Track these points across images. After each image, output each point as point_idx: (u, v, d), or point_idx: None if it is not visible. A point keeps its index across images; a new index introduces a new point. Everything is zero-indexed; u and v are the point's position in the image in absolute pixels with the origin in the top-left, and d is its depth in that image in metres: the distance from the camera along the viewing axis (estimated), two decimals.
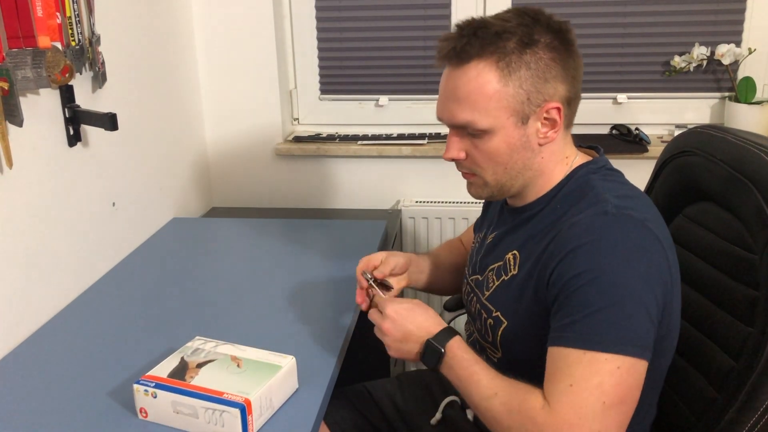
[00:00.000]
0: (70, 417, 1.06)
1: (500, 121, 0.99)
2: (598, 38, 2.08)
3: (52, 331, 1.34)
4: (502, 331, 1.06)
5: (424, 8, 2.10)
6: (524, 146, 1.01)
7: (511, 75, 0.97)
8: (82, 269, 1.50)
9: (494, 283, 1.10)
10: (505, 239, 1.11)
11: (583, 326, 0.89)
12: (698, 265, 1.17)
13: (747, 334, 1.03)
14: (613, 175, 1.06)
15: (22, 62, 1.22)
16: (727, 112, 2.03)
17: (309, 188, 2.22)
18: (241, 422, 0.95)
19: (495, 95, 0.97)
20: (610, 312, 0.89)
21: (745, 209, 1.06)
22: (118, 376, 1.16)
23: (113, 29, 1.59)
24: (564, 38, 1.01)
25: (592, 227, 0.94)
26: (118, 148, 1.64)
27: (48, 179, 1.37)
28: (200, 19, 2.07)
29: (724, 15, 2.00)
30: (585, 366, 0.88)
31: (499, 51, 0.97)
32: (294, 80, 2.22)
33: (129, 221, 1.70)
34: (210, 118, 2.18)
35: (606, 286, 0.90)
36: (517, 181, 1.05)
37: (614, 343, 0.88)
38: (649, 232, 0.94)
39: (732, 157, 1.11)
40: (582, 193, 1.02)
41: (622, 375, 0.87)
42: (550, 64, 0.98)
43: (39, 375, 1.18)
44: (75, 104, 1.42)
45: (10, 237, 1.27)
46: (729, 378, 1.04)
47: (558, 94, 0.99)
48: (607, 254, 0.91)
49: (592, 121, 2.13)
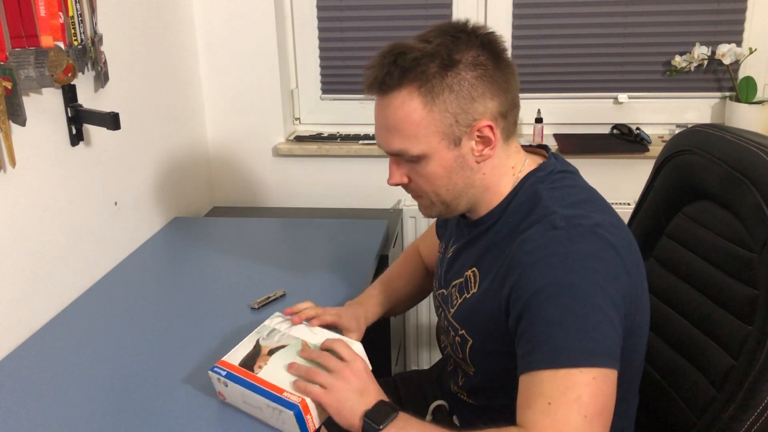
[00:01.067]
0: (74, 416, 1.07)
1: (432, 146, 0.97)
2: (599, 38, 2.08)
3: (54, 329, 1.34)
4: (470, 349, 1.05)
5: (425, 8, 2.10)
6: (461, 166, 1.00)
7: (434, 100, 0.95)
8: (85, 268, 1.50)
9: (457, 300, 1.09)
10: (463, 254, 1.11)
11: (550, 345, 0.88)
12: (698, 264, 1.17)
13: (747, 332, 1.03)
14: (563, 180, 1.04)
15: (25, 62, 1.22)
16: (727, 112, 2.03)
17: (310, 188, 2.22)
18: (298, 423, 0.95)
19: (422, 122, 0.96)
20: (574, 326, 0.87)
21: (744, 208, 1.06)
22: (120, 374, 1.16)
23: (115, 29, 1.59)
24: (491, 52, 0.97)
25: (542, 243, 0.93)
26: (120, 147, 1.64)
27: (50, 178, 1.38)
28: (202, 18, 2.08)
29: (724, 15, 2.00)
30: (560, 382, 0.86)
31: (420, 77, 0.95)
32: (295, 80, 2.23)
33: (131, 220, 1.71)
34: (211, 118, 2.18)
35: (565, 302, 0.88)
36: (462, 199, 1.04)
37: (584, 356, 0.86)
38: (601, 238, 0.92)
39: (730, 156, 1.11)
40: (531, 205, 1.00)
41: (598, 386, 0.86)
42: (474, 83, 0.96)
43: (42, 373, 1.19)
44: (77, 104, 1.42)
45: (13, 236, 1.27)
46: (729, 376, 1.04)
47: (488, 111, 0.97)
48: (560, 268, 0.90)
49: (593, 121, 2.14)
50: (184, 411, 1.06)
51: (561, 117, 2.15)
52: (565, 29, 2.08)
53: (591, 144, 2.07)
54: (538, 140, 2.08)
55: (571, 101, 2.14)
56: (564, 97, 2.15)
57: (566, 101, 2.15)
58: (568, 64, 2.11)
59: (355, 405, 0.95)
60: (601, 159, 2.04)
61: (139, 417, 1.05)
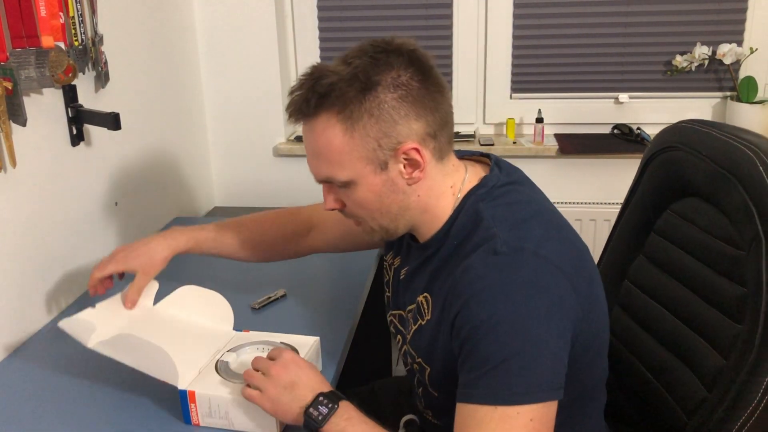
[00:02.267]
0: (71, 417, 1.08)
1: (357, 171, 0.94)
2: (600, 38, 2.08)
3: (54, 330, 1.34)
4: (428, 376, 1.03)
5: (425, 8, 2.11)
6: (392, 190, 0.96)
7: (354, 126, 0.91)
8: (85, 268, 1.50)
9: (412, 327, 1.06)
10: (415, 278, 1.07)
11: (489, 380, 0.86)
12: (686, 261, 1.16)
13: (736, 331, 1.02)
14: (506, 195, 0.99)
15: (25, 62, 1.23)
16: (728, 112, 2.03)
17: (310, 188, 2.20)
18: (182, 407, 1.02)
19: (344, 148, 0.92)
20: (514, 362, 0.85)
21: (731, 205, 1.05)
22: (121, 375, 1.17)
23: (116, 29, 1.60)
24: (415, 69, 0.92)
25: (483, 272, 0.90)
26: (120, 147, 1.65)
27: (51, 179, 1.39)
28: (202, 18, 2.09)
29: (725, 15, 2.01)
30: (497, 423, 0.84)
31: (339, 103, 0.91)
32: (296, 79, 2.23)
33: (131, 220, 1.71)
34: (212, 118, 2.19)
35: (505, 336, 0.86)
36: (399, 222, 1.00)
37: (523, 394, 0.85)
38: (543, 261, 0.90)
39: (716, 152, 1.09)
40: (473, 225, 0.96)
41: (535, 426, 0.84)
42: (395, 105, 0.91)
43: (41, 374, 1.20)
44: (78, 104, 1.43)
45: (13, 236, 1.28)
46: (719, 376, 1.04)
47: (414, 133, 0.92)
48: (500, 300, 0.87)
49: (594, 121, 2.14)
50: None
51: (562, 117, 2.15)
52: (565, 29, 2.08)
53: (592, 144, 2.07)
54: (539, 140, 2.08)
55: (572, 101, 2.14)
56: (565, 97, 2.15)
57: (567, 101, 2.15)
58: (569, 64, 2.11)
59: (289, 401, 0.94)
60: (602, 159, 2.04)
61: (139, 416, 1.06)
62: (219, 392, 1.00)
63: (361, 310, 1.42)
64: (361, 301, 1.44)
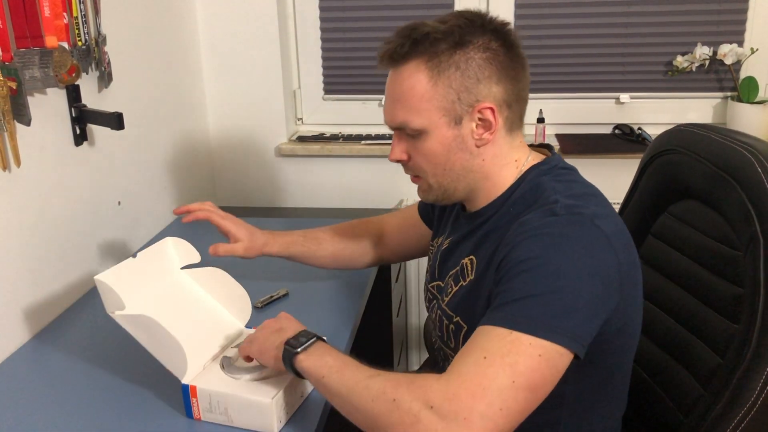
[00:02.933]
0: (74, 408, 1.09)
1: (432, 120, 0.99)
2: (601, 38, 2.09)
3: (57, 329, 1.36)
4: (463, 336, 1.05)
5: (426, 8, 2.12)
6: (460, 147, 1.01)
7: (440, 75, 0.98)
8: (88, 267, 1.52)
9: (452, 289, 1.09)
10: (460, 245, 1.11)
11: (515, 308, 0.87)
12: (683, 263, 1.18)
13: (733, 331, 1.04)
14: (566, 175, 1.05)
15: (30, 62, 1.24)
16: (729, 112, 2.04)
17: (313, 188, 2.24)
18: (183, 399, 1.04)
19: (425, 95, 0.98)
20: (547, 298, 0.87)
21: (729, 206, 1.07)
22: (123, 373, 1.18)
23: (119, 29, 1.61)
24: (504, 39, 1.00)
25: (538, 224, 0.93)
26: (123, 147, 1.66)
27: (55, 178, 1.40)
28: (204, 19, 2.10)
29: (726, 15, 2.01)
30: (506, 344, 0.84)
31: (430, 51, 0.98)
32: (298, 80, 2.24)
33: (134, 220, 1.73)
34: (214, 119, 2.20)
35: (546, 274, 0.88)
36: (459, 183, 1.05)
37: (543, 328, 0.84)
38: (597, 229, 0.92)
39: (715, 154, 1.11)
40: (534, 197, 1.01)
41: (540, 363, 0.83)
42: (482, 65, 0.98)
43: (46, 367, 1.21)
44: (81, 104, 1.44)
45: (17, 235, 1.29)
46: (716, 375, 1.05)
47: (492, 95, 0.99)
48: (552, 246, 0.90)
49: (595, 121, 2.15)
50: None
51: (563, 117, 2.16)
52: (567, 29, 2.09)
53: (593, 144, 2.08)
54: (540, 140, 2.09)
55: (573, 101, 2.15)
56: (566, 98, 2.15)
57: (568, 101, 2.15)
58: (570, 64, 2.12)
59: (275, 340, 0.99)
60: (603, 159, 2.04)
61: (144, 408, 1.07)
62: (219, 388, 1.01)
63: (363, 309, 1.43)
64: (363, 300, 1.45)
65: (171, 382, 1.06)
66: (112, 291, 1.04)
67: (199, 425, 1.04)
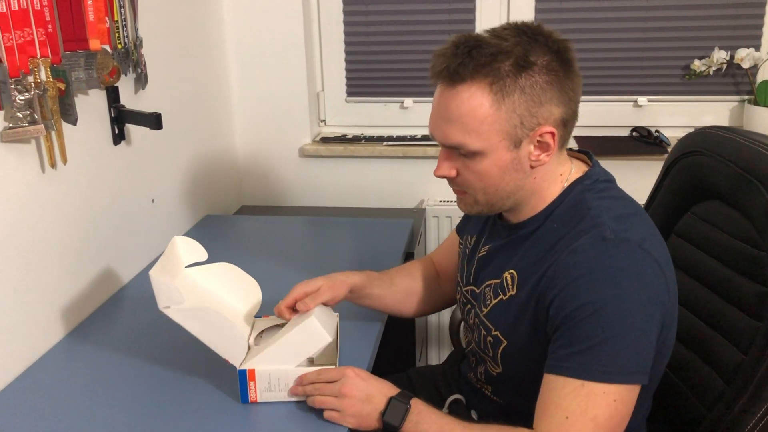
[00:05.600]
0: (125, 400, 1.14)
1: (492, 143, 0.97)
2: (620, 42, 2.12)
3: (94, 325, 1.40)
4: (502, 350, 1.07)
5: (448, 13, 2.16)
6: (515, 168, 1.00)
7: (504, 99, 0.94)
8: (123, 264, 1.57)
9: (492, 301, 1.09)
10: (500, 255, 1.11)
11: (585, 357, 0.91)
12: (707, 262, 1.21)
13: (756, 328, 1.06)
14: (608, 190, 1.05)
15: (76, 64, 1.29)
16: (746, 115, 2.07)
17: (335, 188, 2.28)
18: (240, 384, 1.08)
19: (487, 119, 0.95)
20: (613, 343, 0.90)
21: (754, 207, 1.09)
22: (169, 365, 1.23)
23: (153, 33, 1.66)
24: (563, 58, 0.97)
25: (591, 256, 0.94)
26: (157, 147, 1.71)
27: (95, 175, 1.45)
28: (232, 24, 2.15)
29: (743, 20, 2.04)
30: (582, 398, 0.89)
31: (493, 73, 0.94)
32: (321, 83, 2.29)
33: (166, 217, 1.77)
34: (240, 120, 2.25)
35: (608, 318, 0.91)
36: (508, 200, 1.04)
37: (615, 374, 0.90)
38: (647, 255, 0.94)
39: (740, 156, 1.14)
40: (579, 215, 1.00)
41: (617, 407, 0.90)
42: (545, 87, 0.95)
43: (95, 358, 1.26)
44: (120, 104, 1.49)
45: (58, 231, 1.34)
46: (738, 371, 1.08)
47: (553, 117, 0.97)
48: (608, 285, 0.92)
49: (613, 123, 2.18)
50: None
51: (582, 119, 2.10)
52: (586, 34, 2.12)
53: (611, 146, 2.11)
54: None
55: (592, 104, 2.19)
56: (585, 100, 2.13)
57: (587, 104, 2.14)
58: (589, 68, 2.15)
59: (369, 413, 1.01)
60: (622, 161, 2.07)
61: (192, 406, 1.12)
62: (278, 366, 1.07)
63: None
64: None
65: (208, 370, 1.11)
66: (171, 286, 1.07)
67: (254, 407, 1.08)
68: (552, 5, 2.11)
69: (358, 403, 1.02)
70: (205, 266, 1.21)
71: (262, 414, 1.07)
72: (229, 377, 1.13)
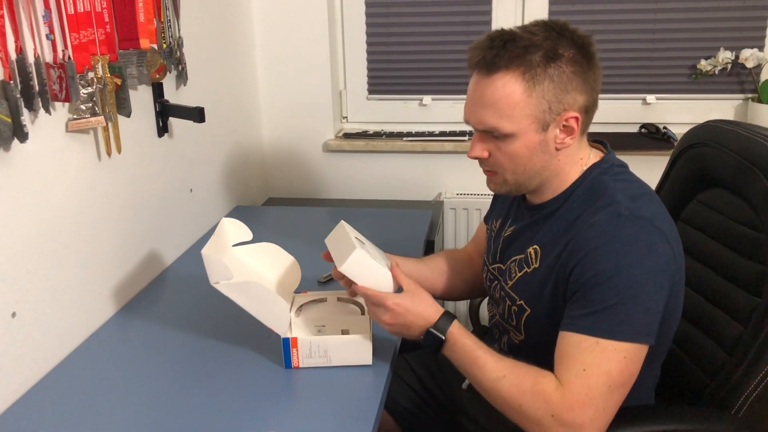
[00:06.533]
0: (176, 378, 1.25)
1: (523, 127, 1.07)
2: (629, 43, 2.22)
3: (141, 303, 1.52)
4: (526, 318, 1.17)
5: (465, 14, 2.26)
6: (543, 150, 1.10)
7: (535, 87, 1.05)
8: (167, 245, 1.69)
9: (516, 274, 1.19)
10: (524, 234, 1.21)
11: (600, 317, 1.01)
12: (710, 245, 1.30)
13: (755, 304, 1.16)
14: (622, 174, 1.15)
15: (129, 61, 1.41)
16: (750, 113, 2.16)
17: (357, 181, 2.39)
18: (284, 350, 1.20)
19: (519, 104, 1.06)
20: (625, 306, 1.01)
21: (753, 193, 1.18)
22: (214, 337, 1.34)
23: (192, 35, 1.77)
24: (586, 52, 1.09)
25: (607, 229, 1.04)
26: (195, 140, 1.83)
27: (143, 164, 1.56)
28: (260, 27, 2.26)
29: (748, 21, 2.13)
30: (597, 354, 1.00)
31: (526, 64, 1.05)
32: (344, 82, 2.40)
33: (203, 206, 1.89)
34: (267, 117, 2.36)
35: (621, 284, 1.01)
36: (534, 180, 1.14)
37: (626, 333, 1.00)
38: (657, 230, 1.04)
39: (742, 147, 1.23)
40: (596, 194, 1.11)
41: (627, 363, 1.01)
42: (571, 77, 1.06)
43: (143, 331, 1.38)
44: (164, 99, 1.60)
45: (110, 216, 1.45)
46: (738, 343, 1.17)
47: (577, 104, 1.08)
48: (622, 255, 1.02)
49: (623, 120, 2.28)
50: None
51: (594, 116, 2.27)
52: (597, 35, 2.13)
53: (621, 142, 2.19)
54: None
55: (603, 101, 2.23)
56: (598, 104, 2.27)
57: (598, 102, 2.27)
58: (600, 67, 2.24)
59: (409, 336, 1.15)
60: (631, 155, 2.16)
61: (239, 372, 1.22)
62: (318, 335, 1.19)
63: None
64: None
65: (251, 341, 1.22)
66: (220, 263, 1.18)
67: (296, 372, 1.20)
68: (565, 8, 2.21)
69: (398, 328, 1.14)
70: (250, 245, 1.32)
71: (304, 378, 1.19)
72: (271, 347, 1.25)
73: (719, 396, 1.18)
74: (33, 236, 1.20)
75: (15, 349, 1.16)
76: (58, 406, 1.14)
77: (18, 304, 1.16)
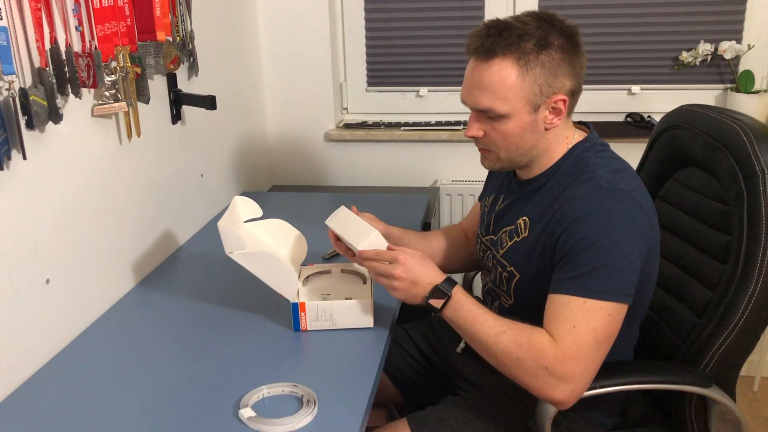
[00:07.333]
0: (193, 342, 1.35)
1: (516, 108, 1.17)
2: (614, 36, 2.33)
3: (162, 273, 1.64)
4: (515, 283, 1.28)
5: (459, 10, 2.37)
6: (533, 130, 1.20)
7: (528, 71, 1.15)
8: (180, 225, 1.80)
9: (507, 243, 1.30)
10: (515, 206, 1.31)
11: (585, 279, 1.11)
12: (685, 220, 1.41)
13: (722, 270, 1.27)
14: (604, 151, 1.25)
15: (147, 52, 1.52)
16: (729, 102, 2.26)
17: (357, 169, 2.50)
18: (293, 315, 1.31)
19: (513, 87, 1.15)
20: (606, 269, 1.11)
21: (721, 169, 1.29)
22: (227, 306, 1.45)
23: (201, 28, 1.88)
24: (574, 41, 1.19)
25: (589, 201, 1.14)
26: (205, 128, 1.93)
27: (158, 149, 1.67)
28: (265, 22, 2.37)
29: (726, 15, 2.24)
30: (585, 312, 1.10)
31: (520, 51, 1.14)
32: (344, 74, 2.51)
33: (212, 191, 2.00)
34: (271, 108, 2.47)
35: (603, 249, 1.11)
36: (525, 157, 1.24)
37: (609, 293, 1.11)
38: (635, 201, 1.15)
39: (711, 128, 1.34)
40: (580, 169, 1.21)
41: (610, 320, 1.11)
42: (560, 64, 1.16)
43: (160, 302, 1.49)
44: (178, 89, 1.71)
45: (131, 196, 1.56)
46: (708, 306, 1.28)
47: (565, 87, 1.18)
48: (602, 224, 1.12)
49: (609, 110, 2.38)
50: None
51: (580, 106, 2.28)
52: (584, 28, 2.23)
53: (607, 130, 2.29)
54: None
55: (589, 92, 2.35)
56: (583, 89, 2.36)
57: (585, 93, 2.28)
58: (587, 59, 2.33)
59: (415, 295, 1.21)
60: (617, 143, 2.25)
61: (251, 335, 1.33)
62: (324, 300, 1.31)
63: None
64: None
65: (261, 309, 1.31)
66: (235, 234, 1.29)
67: (304, 334, 1.32)
68: (553, 2, 2.31)
69: (405, 284, 1.21)
70: (260, 221, 1.43)
71: (311, 339, 1.30)
72: (281, 313, 1.36)
73: (690, 354, 1.28)
74: (65, 211, 1.31)
75: (48, 313, 1.27)
76: (90, 365, 1.25)
77: (51, 272, 1.28)
